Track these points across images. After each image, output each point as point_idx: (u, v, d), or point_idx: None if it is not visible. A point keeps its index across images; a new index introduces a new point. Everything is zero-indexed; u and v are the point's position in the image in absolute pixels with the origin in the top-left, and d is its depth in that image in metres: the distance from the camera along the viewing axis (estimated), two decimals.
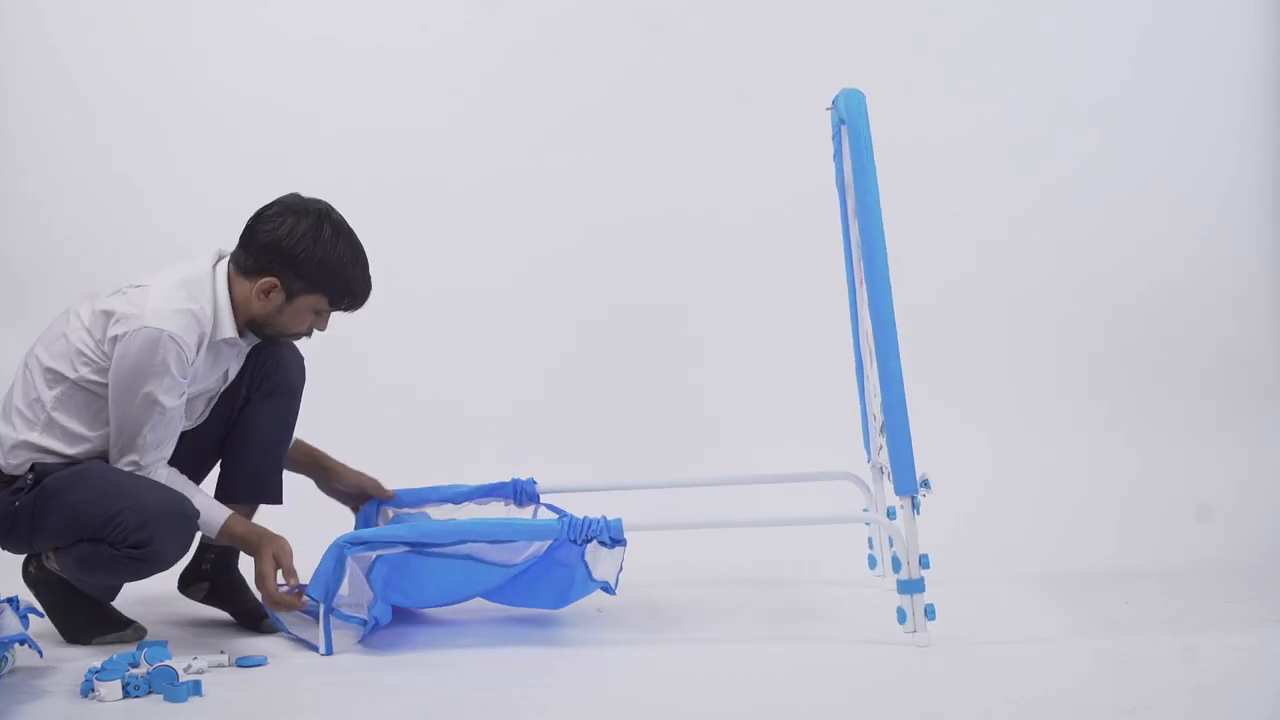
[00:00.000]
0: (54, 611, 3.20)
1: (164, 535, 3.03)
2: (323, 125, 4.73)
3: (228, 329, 3.15)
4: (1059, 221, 4.78)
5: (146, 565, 3.06)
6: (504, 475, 3.71)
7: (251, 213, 3.20)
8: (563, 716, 2.71)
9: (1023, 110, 4.78)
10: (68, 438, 3.12)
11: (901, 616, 3.06)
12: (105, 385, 3.09)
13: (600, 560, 3.16)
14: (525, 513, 3.60)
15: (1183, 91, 4.79)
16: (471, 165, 4.76)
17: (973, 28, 4.81)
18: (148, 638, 3.19)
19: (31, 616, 2.99)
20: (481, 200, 4.78)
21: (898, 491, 3.08)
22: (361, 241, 3.18)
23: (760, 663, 2.99)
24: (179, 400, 3.09)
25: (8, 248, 4.66)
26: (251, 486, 3.33)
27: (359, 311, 3.26)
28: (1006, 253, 4.77)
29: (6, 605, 2.89)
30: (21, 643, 2.87)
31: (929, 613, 3.04)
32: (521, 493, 3.63)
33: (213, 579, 3.39)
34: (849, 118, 3.11)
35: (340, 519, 3.52)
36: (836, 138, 3.46)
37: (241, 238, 3.19)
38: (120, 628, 3.23)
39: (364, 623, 3.15)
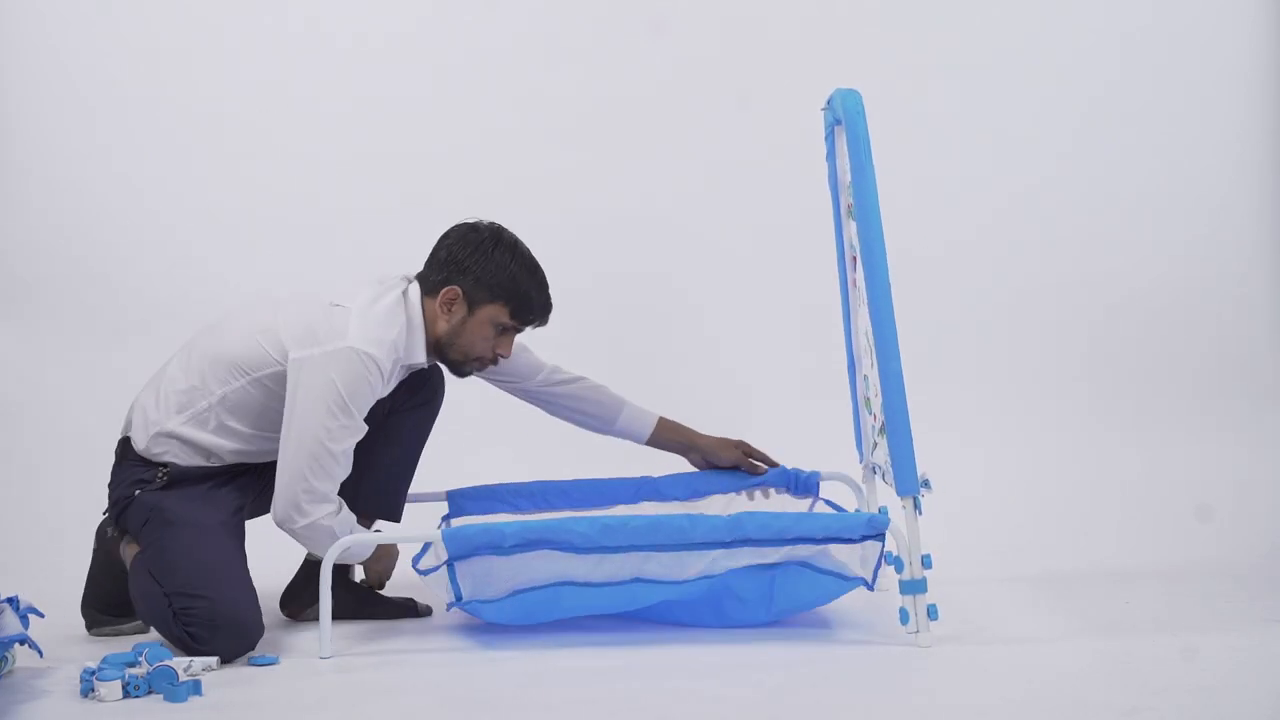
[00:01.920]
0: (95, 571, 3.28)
1: (225, 643, 3.02)
2: (324, 123, 4.73)
3: (419, 355, 3.19)
4: (1059, 220, 4.78)
5: (191, 652, 3.03)
6: (516, 472, 3.71)
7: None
8: (562, 716, 2.70)
9: (1019, 110, 4.78)
10: (220, 433, 3.14)
11: (904, 617, 3.06)
12: (281, 389, 3.09)
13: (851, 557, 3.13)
14: (802, 505, 3.53)
15: (1182, 91, 4.79)
16: (470, 165, 4.75)
17: (971, 28, 4.81)
18: (147, 638, 3.19)
19: (31, 617, 2.99)
20: (480, 200, 4.77)
21: (899, 492, 3.08)
22: (539, 262, 3.26)
23: (760, 662, 2.99)
24: (352, 442, 3.09)
25: (8, 248, 4.65)
26: (378, 502, 3.33)
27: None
28: (1005, 251, 4.77)
29: (6, 605, 2.89)
30: (21, 643, 2.87)
31: (931, 613, 3.04)
32: (800, 484, 3.59)
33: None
34: (846, 118, 3.11)
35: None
36: (830, 138, 3.46)
37: (427, 261, 3.26)
38: (117, 622, 3.26)
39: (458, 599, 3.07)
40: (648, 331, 4.76)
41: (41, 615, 3.05)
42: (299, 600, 3.39)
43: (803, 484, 3.59)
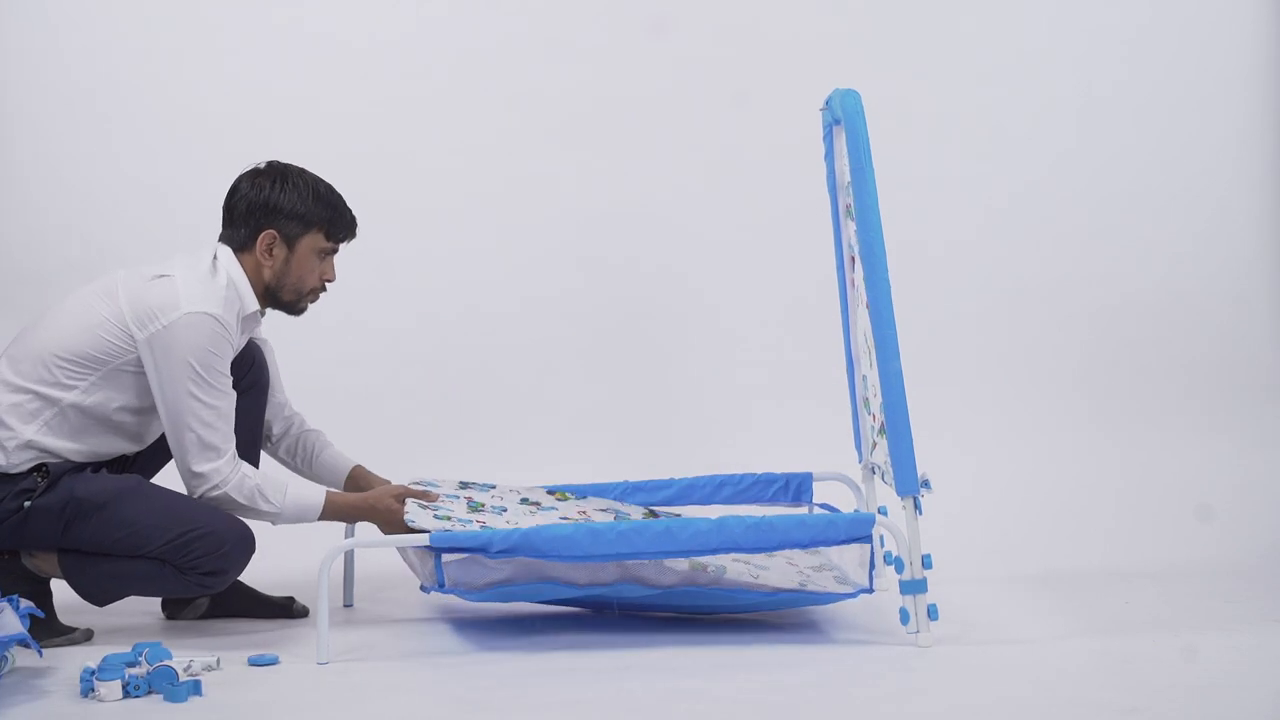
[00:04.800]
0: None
1: (238, 563, 3.15)
2: (324, 123, 4.72)
3: (251, 303, 3.23)
4: (1059, 219, 4.77)
5: (211, 589, 3.18)
6: (505, 474, 3.70)
7: None
8: (562, 716, 2.71)
9: (1018, 109, 4.77)
10: (77, 436, 3.13)
11: (904, 617, 3.06)
12: (137, 371, 3.12)
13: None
14: (797, 512, 3.49)
15: (1181, 90, 4.78)
16: (470, 165, 4.75)
17: (971, 28, 4.80)
18: (147, 638, 3.18)
19: (31, 617, 2.98)
20: (480, 200, 4.77)
21: (900, 493, 3.08)
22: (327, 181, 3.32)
23: (760, 662, 2.99)
24: (224, 404, 3.14)
25: (10, 244, 4.65)
26: None
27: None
28: (1004, 251, 4.76)
29: (6, 605, 2.89)
30: (21, 643, 2.86)
31: (932, 613, 3.04)
32: (792, 489, 3.57)
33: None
34: (846, 118, 3.11)
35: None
36: (828, 138, 3.46)
37: (224, 222, 3.29)
38: (66, 632, 3.22)
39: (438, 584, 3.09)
40: (646, 332, 4.75)
41: (41, 615, 3.05)
42: (178, 600, 3.41)
43: (794, 489, 3.59)
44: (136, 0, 4.76)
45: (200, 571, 3.09)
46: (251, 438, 3.39)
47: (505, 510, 3.36)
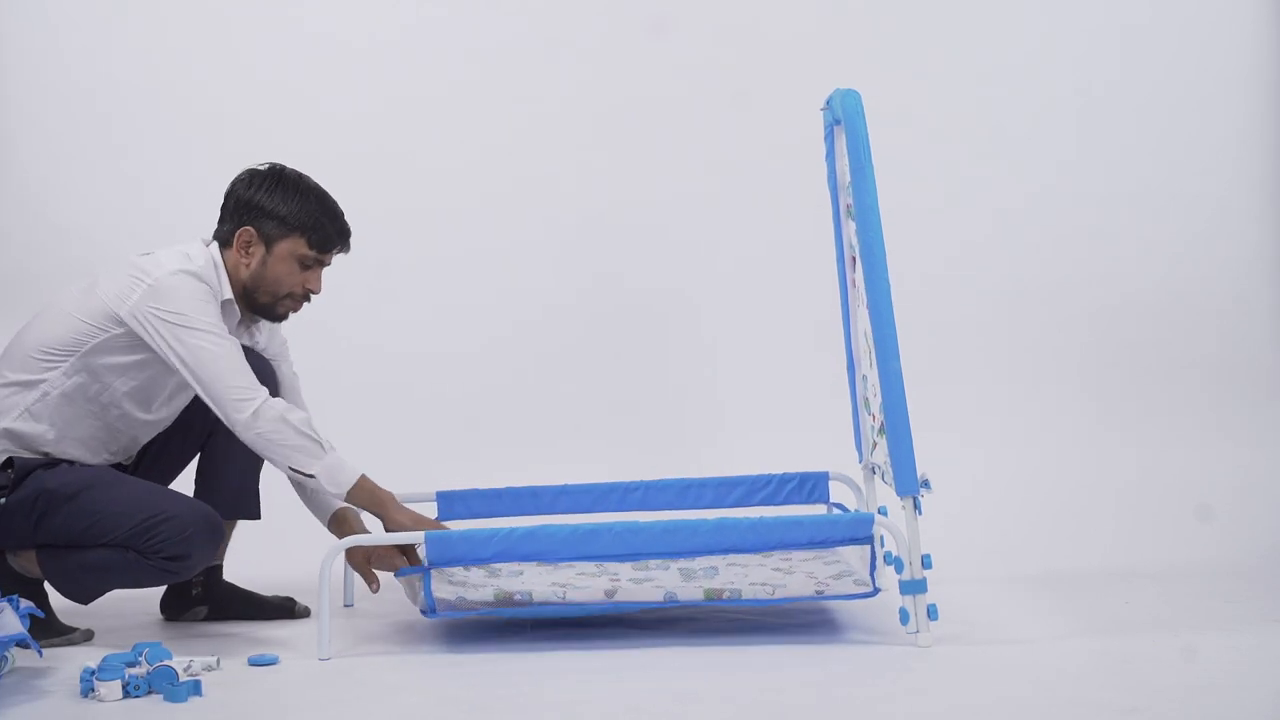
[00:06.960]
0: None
1: (202, 548, 3.11)
2: (325, 123, 4.72)
3: (226, 290, 3.21)
4: (1059, 219, 4.77)
5: (177, 576, 3.14)
6: (509, 475, 3.69)
7: None
8: (562, 716, 2.70)
9: (1019, 109, 4.76)
10: (56, 424, 3.14)
11: (904, 617, 3.06)
12: (127, 346, 3.13)
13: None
14: (814, 512, 3.48)
15: (1181, 90, 4.78)
16: (469, 165, 4.75)
17: (971, 28, 4.80)
18: (147, 638, 3.19)
19: (31, 617, 2.99)
20: (479, 200, 4.77)
21: (899, 493, 3.08)
22: (328, 191, 3.29)
23: (760, 662, 2.99)
24: (228, 344, 3.11)
25: (10, 244, 4.65)
26: (232, 504, 3.34)
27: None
28: (1004, 251, 4.76)
29: (6, 605, 2.89)
30: (21, 643, 2.87)
31: (931, 613, 3.05)
32: (807, 489, 3.57)
33: (208, 599, 3.41)
34: (846, 118, 3.11)
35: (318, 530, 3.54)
36: (829, 138, 3.47)
37: (220, 215, 3.30)
38: (66, 632, 3.23)
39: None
40: (647, 331, 4.75)
41: (41, 615, 3.05)
42: (179, 602, 3.42)
43: (809, 489, 3.59)
44: (136, 1, 4.76)
45: (163, 556, 3.07)
46: (250, 471, 3.39)
47: (523, 573, 3.25)
